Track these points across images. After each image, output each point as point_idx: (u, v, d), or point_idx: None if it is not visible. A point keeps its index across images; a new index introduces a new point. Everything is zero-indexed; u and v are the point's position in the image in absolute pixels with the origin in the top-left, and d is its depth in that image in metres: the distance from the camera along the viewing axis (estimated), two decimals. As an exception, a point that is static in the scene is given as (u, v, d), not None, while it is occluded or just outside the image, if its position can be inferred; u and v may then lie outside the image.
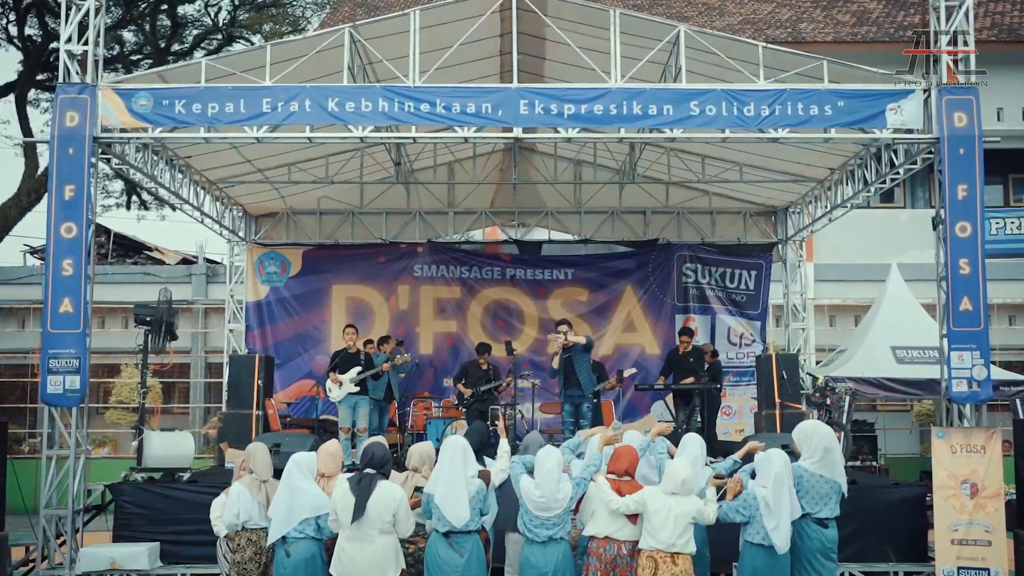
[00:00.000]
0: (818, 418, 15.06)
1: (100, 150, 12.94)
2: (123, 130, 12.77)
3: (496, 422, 11.25)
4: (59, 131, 12.44)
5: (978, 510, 11.81)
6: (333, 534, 8.69)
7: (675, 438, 9.97)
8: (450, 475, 8.45)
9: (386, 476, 8.70)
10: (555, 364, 14.79)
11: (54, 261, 12.30)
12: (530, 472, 8.67)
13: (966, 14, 12.59)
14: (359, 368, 15.33)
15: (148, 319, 15.18)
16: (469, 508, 8.41)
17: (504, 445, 9.30)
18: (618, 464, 8.71)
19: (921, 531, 12.74)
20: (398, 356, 16.21)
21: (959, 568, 11.71)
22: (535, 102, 12.61)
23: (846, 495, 9.28)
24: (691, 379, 15.70)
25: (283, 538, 8.74)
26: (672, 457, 9.13)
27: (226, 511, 9.38)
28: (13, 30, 28.38)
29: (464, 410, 15.91)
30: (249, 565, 9.21)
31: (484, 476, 8.89)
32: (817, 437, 9.18)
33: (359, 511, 8.29)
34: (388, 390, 16.23)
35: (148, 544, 12.22)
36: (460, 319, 19.96)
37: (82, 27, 12.72)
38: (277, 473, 9.60)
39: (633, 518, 8.44)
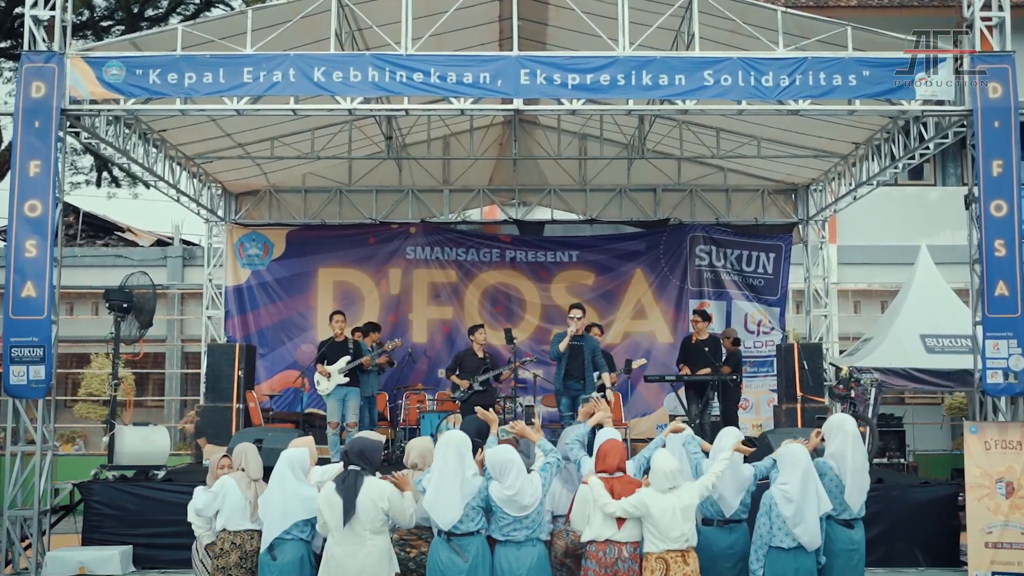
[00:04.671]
0: (842, 412, 15.03)
1: (68, 123, 12.92)
2: (93, 101, 12.74)
3: (533, 420, 11.12)
4: (24, 103, 12.40)
5: (1014, 511, 11.80)
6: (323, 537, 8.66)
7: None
8: (441, 473, 8.40)
9: (374, 471, 8.63)
10: (562, 347, 14.56)
11: (16, 242, 12.27)
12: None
13: (1001, -24, 12.58)
14: (348, 358, 15.28)
15: (125, 305, 15.14)
16: (461, 508, 8.34)
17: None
18: (608, 461, 8.61)
19: (953, 533, 12.76)
20: (388, 343, 16.16)
21: (993, 573, 11.70)
22: (537, 71, 12.58)
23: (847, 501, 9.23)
24: (707, 370, 15.56)
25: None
26: (707, 455, 9.15)
27: (212, 504, 9.26)
28: (-27, -6, 28.29)
29: (461, 404, 15.68)
30: (235, 571, 9.06)
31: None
32: (842, 434, 9.21)
33: (349, 511, 8.23)
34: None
35: (120, 547, 12.23)
36: (456, 305, 19.95)
37: (48, -10, 12.69)
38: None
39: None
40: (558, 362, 14.70)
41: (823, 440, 9.38)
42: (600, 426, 9.34)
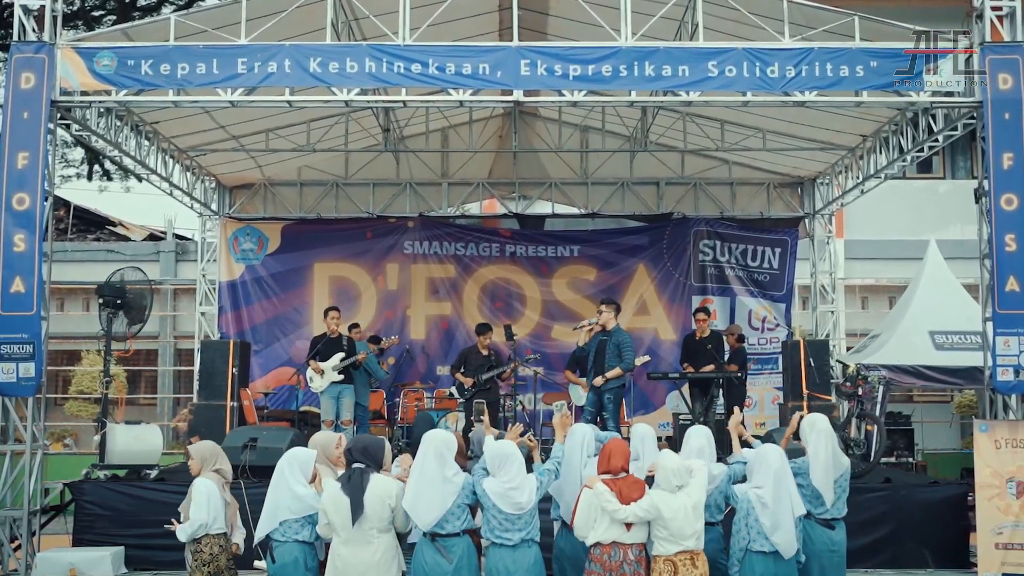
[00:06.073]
0: (849, 410, 15.01)
1: (58, 115, 12.92)
2: (84, 93, 12.72)
3: (482, 418, 11.12)
4: (13, 94, 12.41)
5: (1025, 511, 11.82)
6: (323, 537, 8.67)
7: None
8: (421, 473, 8.37)
9: (379, 468, 8.62)
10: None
11: (4, 236, 12.25)
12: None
13: (1013, -37, 12.55)
14: (342, 355, 15.23)
15: (119, 301, 15.10)
16: (441, 509, 8.31)
17: (489, 442, 9.19)
18: (613, 462, 8.56)
19: (962, 534, 12.76)
20: (385, 340, 16.08)
21: (1004, 575, 11.71)
22: (537, 62, 12.55)
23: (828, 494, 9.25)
24: (711, 367, 15.48)
25: (267, 540, 8.70)
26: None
27: (201, 510, 9.23)
28: (-39, -17, 28.27)
29: (464, 401, 15.62)
30: (226, 574, 9.10)
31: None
32: (815, 432, 9.24)
33: (357, 509, 8.21)
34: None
35: (112, 548, 12.22)
36: (455, 301, 19.96)
37: (38, -21, 12.67)
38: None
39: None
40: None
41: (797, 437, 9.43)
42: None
